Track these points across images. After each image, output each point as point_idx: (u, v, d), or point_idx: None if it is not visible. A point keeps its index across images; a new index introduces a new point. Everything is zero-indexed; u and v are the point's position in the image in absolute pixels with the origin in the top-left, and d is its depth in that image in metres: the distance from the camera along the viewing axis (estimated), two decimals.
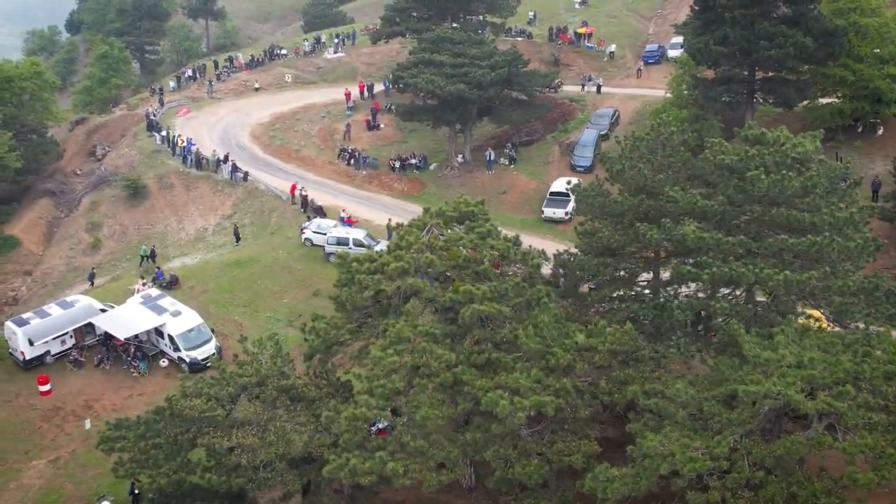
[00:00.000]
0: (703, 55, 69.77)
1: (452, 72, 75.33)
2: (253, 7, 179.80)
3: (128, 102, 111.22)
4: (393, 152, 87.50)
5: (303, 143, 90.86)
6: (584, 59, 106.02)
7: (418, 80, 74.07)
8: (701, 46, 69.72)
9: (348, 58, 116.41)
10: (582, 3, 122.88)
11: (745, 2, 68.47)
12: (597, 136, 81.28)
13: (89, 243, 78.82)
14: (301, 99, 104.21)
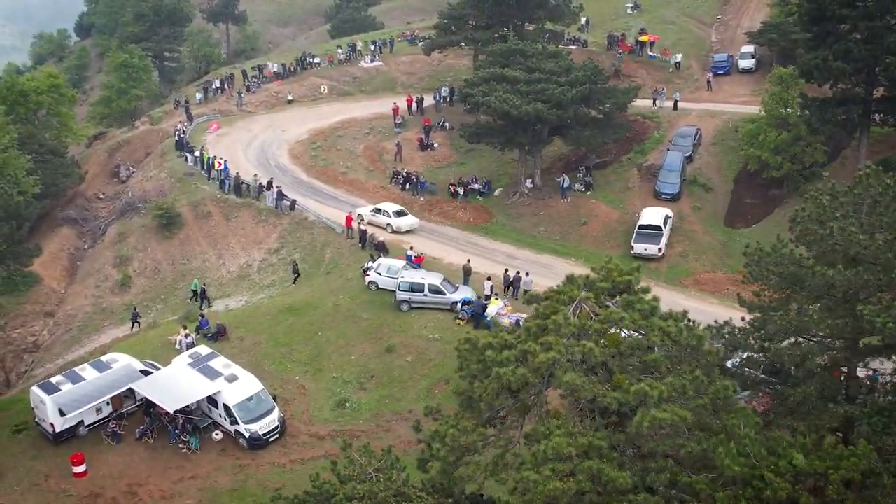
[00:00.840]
0: (821, 72, 61.11)
1: (528, 89, 66.86)
2: (272, 10, 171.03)
3: (150, 115, 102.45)
4: (451, 175, 78.96)
5: (349, 165, 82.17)
6: (647, 70, 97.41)
7: (491, 98, 65.47)
8: (818, 62, 61.06)
9: (386, 67, 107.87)
10: (634, 7, 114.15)
11: (870, 13, 59.68)
12: (682, 160, 72.72)
13: (117, 280, 70.11)
14: (339, 113, 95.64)
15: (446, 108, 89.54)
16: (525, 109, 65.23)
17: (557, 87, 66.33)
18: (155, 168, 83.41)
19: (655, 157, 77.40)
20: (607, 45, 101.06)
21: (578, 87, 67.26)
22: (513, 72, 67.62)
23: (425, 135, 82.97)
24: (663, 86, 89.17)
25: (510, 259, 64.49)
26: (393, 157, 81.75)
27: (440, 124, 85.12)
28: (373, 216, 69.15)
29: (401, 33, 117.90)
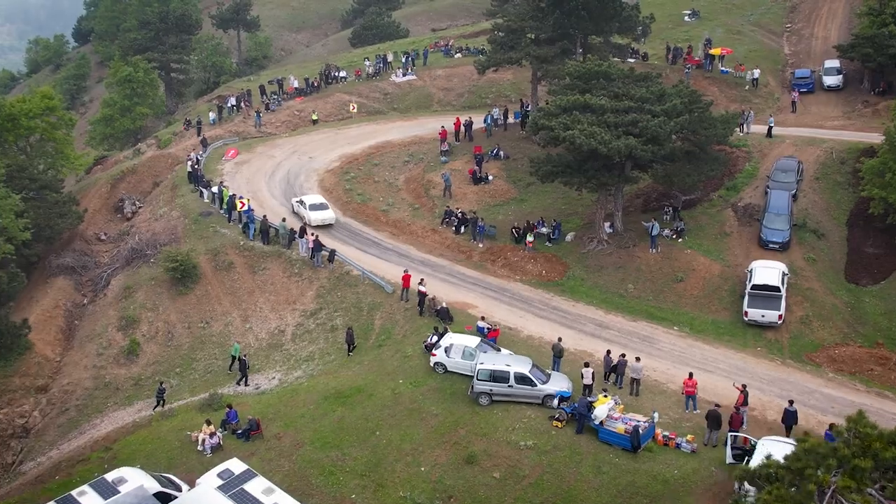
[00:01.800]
0: None
1: (616, 120, 55.30)
2: (285, 15, 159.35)
3: (158, 137, 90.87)
4: (511, 214, 67.65)
5: (390, 201, 70.72)
6: (719, 88, 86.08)
7: (574, 133, 53.81)
8: None
9: (420, 81, 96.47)
10: (692, 15, 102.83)
11: None
12: (790, 201, 61.28)
13: (123, 348, 58.58)
14: (372, 135, 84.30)
15: (499, 133, 77.81)
16: (616, 146, 53.87)
17: (652, 119, 54.73)
18: (165, 204, 71.78)
19: (751, 194, 66.09)
20: (671, 58, 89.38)
21: (676, 117, 55.59)
22: (597, 99, 56.01)
23: (477, 166, 71.36)
24: (749, 107, 77.34)
25: (601, 328, 53.12)
26: (441, 191, 70.12)
27: (493, 153, 73.61)
28: (297, 207, 68.53)
29: (433, 43, 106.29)
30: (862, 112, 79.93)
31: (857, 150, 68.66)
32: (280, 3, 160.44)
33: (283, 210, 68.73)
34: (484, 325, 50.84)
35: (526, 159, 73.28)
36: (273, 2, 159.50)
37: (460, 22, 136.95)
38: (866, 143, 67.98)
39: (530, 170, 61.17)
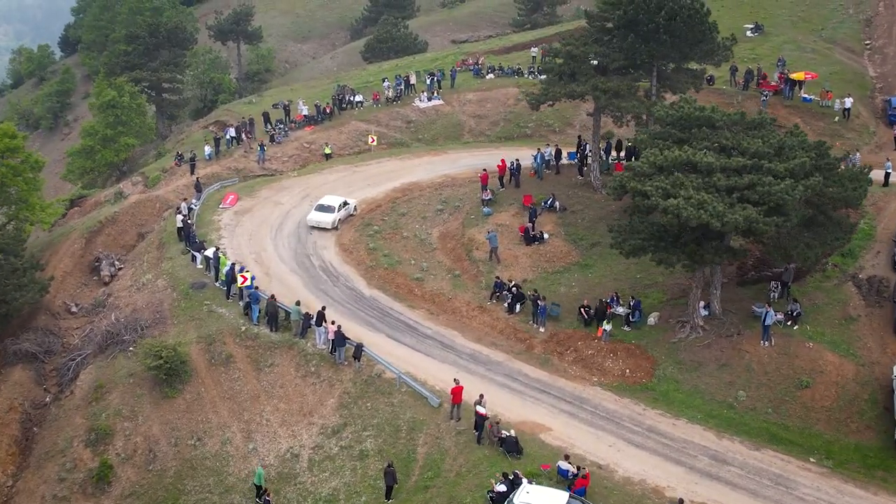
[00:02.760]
0: None
1: (728, 183, 42.31)
2: (288, 23, 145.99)
3: (145, 174, 77.82)
4: (575, 284, 54.91)
5: (425, 266, 57.83)
6: (802, 119, 72.96)
7: (679, 202, 40.68)
8: None
9: (448, 107, 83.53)
10: (755, 29, 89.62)
11: None
12: None
13: (92, 471, 45.67)
14: (395, 174, 71.68)
15: (551, 178, 64.82)
16: (732, 220, 40.99)
17: (776, 182, 41.67)
18: (150, 268, 58.78)
19: (873, 262, 53.46)
20: (741, 83, 76.18)
21: (804, 178, 42.57)
22: (704, 155, 42.89)
23: (530, 221, 58.27)
24: (852, 147, 64.28)
25: (717, 464, 40.40)
26: (487, 254, 57.02)
27: (547, 203, 60.50)
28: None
29: (460, 61, 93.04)
30: None
31: None
32: (283, 10, 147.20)
33: (294, 281, 55.78)
34: (568, 469, 37.73)
35: (587, 212, 60.68)
36: (276, 9, 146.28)
37: (483, 33, 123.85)
38: None
39: (611, 242, 48.10)
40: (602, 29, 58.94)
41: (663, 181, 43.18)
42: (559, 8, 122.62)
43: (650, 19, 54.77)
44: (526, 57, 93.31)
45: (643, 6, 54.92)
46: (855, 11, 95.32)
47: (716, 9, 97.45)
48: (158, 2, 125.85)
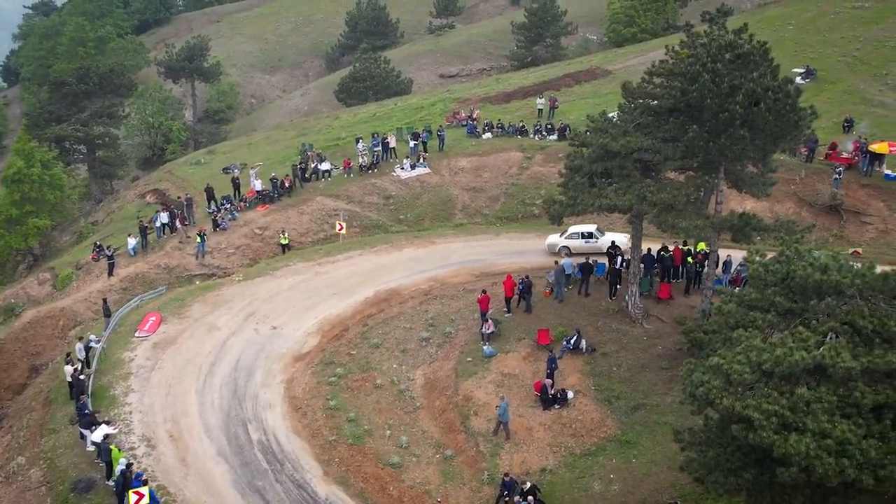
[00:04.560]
0: None
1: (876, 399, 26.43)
2: (256, 51, 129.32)
3: (54, 270, 61.31)
4: (614, 475, 38.72)
5: (404, 441, 42.04)
6: (887, 204, 56.90)
7: (807, 445, 24.54)
8: None
9: (436, 176, 67.80)
10: (806, 75, 73.23)
11: None
12: None
13: None
14: (369, 276, 56.55)
15: (573, 298, 48.58)
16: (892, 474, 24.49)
17: None
18: (26, 444, 42.43)
19: None
20: (806, 152, 60.28)
21: None
22: (838, 354, 26.56)
23: (549, 373, 41.91)
24: None
25: None
26: (491, 425, 40.81)
27: (571, 342, 44.07)
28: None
29: (452, 114, 76.56)
30: None
31: None
32: (251, 34, 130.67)
33: (219, 474, 39.58)
34: None
35: (624, 355, 44.90)
36: (242, 34, 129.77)
37: (475, 66, 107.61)
38: None
39: (680, 462, 31.47)
40: (650, 110, 42.36)
41: (776, 400, 26.72)
42: (564, 39, 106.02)
43: (721, 106, 38.28)
44: (530, 108, 76.95)
45: (711, 87, 38.46)
46: None
47: None
48: (104, 31, 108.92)
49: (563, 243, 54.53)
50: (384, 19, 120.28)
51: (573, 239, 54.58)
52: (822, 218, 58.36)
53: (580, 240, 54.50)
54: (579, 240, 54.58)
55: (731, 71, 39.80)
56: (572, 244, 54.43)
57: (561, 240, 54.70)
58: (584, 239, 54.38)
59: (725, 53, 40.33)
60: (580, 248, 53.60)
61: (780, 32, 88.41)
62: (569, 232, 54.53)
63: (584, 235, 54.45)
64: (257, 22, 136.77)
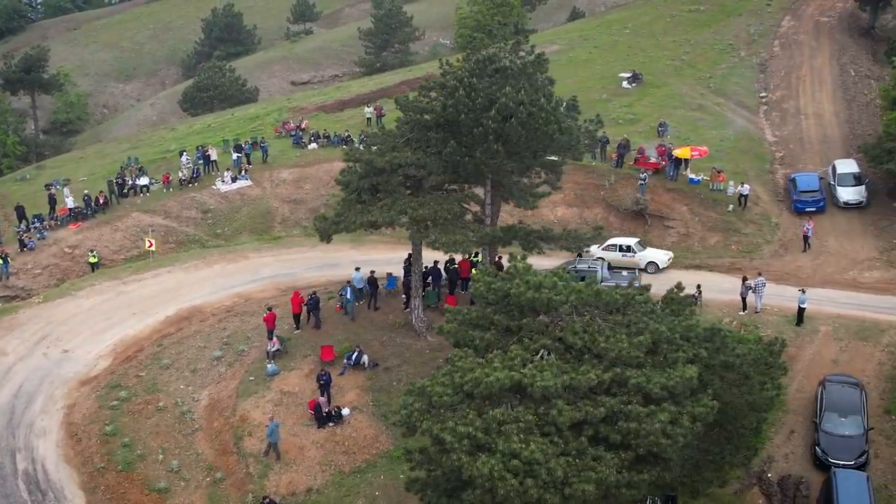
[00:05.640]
0: None
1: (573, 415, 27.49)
2: (111, 58, 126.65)
3: None
4: (379, 494, 38.39)
5: (175, 465, 41.69)
6: (689, 208, 58.62)
7: (492, 465, 25.32)
8: None
9: (257, 188, 67.18)
10: (632, 80, 74.33)
11: None
12: (868, 486, 33.98)
13: None
14: (174, 293, 55.75)
15: (365, 314, 48.47)
16: (578, 492, 25.17)
17: (650, 414, 26.38)
18: None
19: (788, 452, 38.69)
20: (616, 157, 61.10)
21: (696, 404, 27.27)
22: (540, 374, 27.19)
23: (324, 391, 41.88)
24: (759, 272, 49.23)
25: None
26: (265, 449, 40.40)
27: (352, 358, 43.93)
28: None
29: (281, 123, 75.85)
30: None
31: None
32: (106, 42, 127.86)
33: None
34: None
35: (405, 369, 45.22)
36: (98, 42, 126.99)
37: (327, 72, 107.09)
38: None
39: (405, 482, 31.50)
40: (417, 125, 42.37)
41: (471, 422, 26.87)
42: (413, 45, 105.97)
43: (476, 120, 38.41)
44: (362, 116, 76.68)
45: (466, 101, 38.57)
46: (747, 53, 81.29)
47: (587, 51, 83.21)
48: None
49: (598, 254, 52.27)
50: (238, 26, 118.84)
51: (611, 251, 52.41)
52: (629, 223, 59.26)
53: (617, 252, 52.39)
54: (616, 252, 52.41)
55: (490, 85, 39.90)
56: (609, 256, 51.98)
57: (597, 251, 52.48)
58: (623, 252, 52.28)
59: (487, 67, 40.41)
60: (617, 262, 51.55)
61: (616, 36, 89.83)
62: (607, 244, 52.73)
63: (623, 248, 52.43)
64: (114, 29, 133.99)
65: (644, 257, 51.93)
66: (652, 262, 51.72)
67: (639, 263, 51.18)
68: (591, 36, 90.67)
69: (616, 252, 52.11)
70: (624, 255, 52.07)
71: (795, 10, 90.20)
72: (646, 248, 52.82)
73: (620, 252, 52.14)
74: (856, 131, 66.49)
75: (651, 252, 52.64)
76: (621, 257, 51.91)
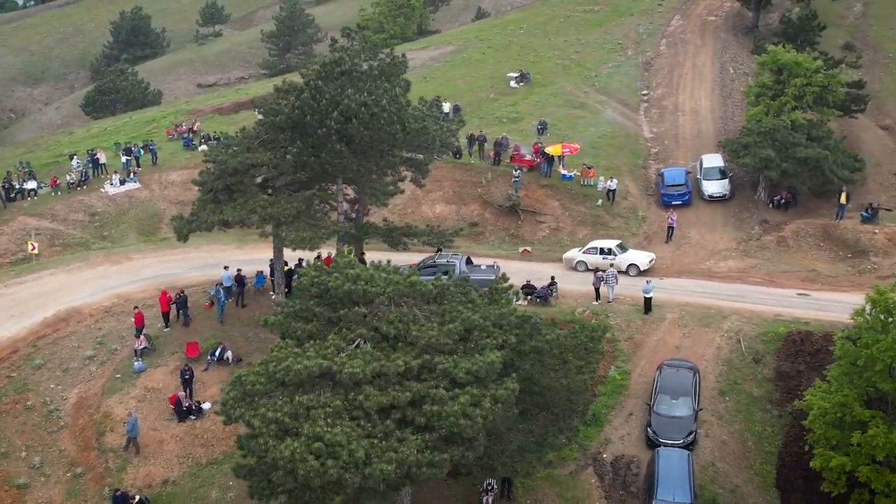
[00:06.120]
0: None
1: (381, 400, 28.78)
2: (19, 63, 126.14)
3: None
4: (234, 488, 39.93)
5: (37, 462, 43.14)
6: (560, 202, 60.69)
7: (295, 450, 26.37)
8: None
9: (146, 191, 67.94)
10: (520, 79, 76.24)
11: None
12: (689, 462, 36.17)
13: None
14: (55, 295, 56.36)
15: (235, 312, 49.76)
16: (377, 472, 27.06)
17: (454, 397, 28.08)
18: None
19: (624, 433, 40.86)
20: (493, 155, 62.85)
21: (499, 387, 29.01)
22: (347, 361, 28.63)
23: (186, 385, 43.12)
24: (611, 264, 51.38)
25: None
26: (125, 444, 41.58)
27: (216, 354, 45.18)
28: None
29: (174, 126, 76.64)
30: (762, 241, 55.37)
31: (779, 335, 43.96)
32: (15, 47, 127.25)
33: None
34: None
35: None
36: (6, 46, 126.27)
37: (233, 74, 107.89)
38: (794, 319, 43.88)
39: (234, 468, 32.84)
40: (274, 125, 43.77)
41: (280, 408, 28.36)
42: (317, 46, 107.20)
43: (320, 122, 39.90)
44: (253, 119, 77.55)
45: (311, 103, 40.03)
46: (634, 52, 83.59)
47: (480, 52, 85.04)
48: None
49: (580, 258, 52.62)
50: (145, 29, 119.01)
51: (591, 254, 52.49)
52: (503, 219, 61.08)
53: (598, 255, 52.27)
54: (597, 255, 52.35)
55: (336, 88, 41.37)
56: (590, 259, 52.32)
57: (579, 254, 52.86)
58: (604, 255, 51.99)
59: (333, 70, 41.87)
60: (598, 264, 51.47)
61: (510, 37, 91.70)
62: (588, 246, 53.13)
63: (604, 251, 52.22)
64: (24, 32, 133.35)
65: (625, 259, 51.51)
66: (633, 265, 51.40)
67: (620, 266, 50.83)
68: (487, 37, 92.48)
69: (597, 255, 52.03)
70: (605, 257, 51.68)
71: (685, 9, 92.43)
72: (627, 251, 52.46)
73: (601, 255, 51.93)
74: (728, 127, 68.85)
75: (632, 254, 52.24)
76: (602, 260, 51.64)
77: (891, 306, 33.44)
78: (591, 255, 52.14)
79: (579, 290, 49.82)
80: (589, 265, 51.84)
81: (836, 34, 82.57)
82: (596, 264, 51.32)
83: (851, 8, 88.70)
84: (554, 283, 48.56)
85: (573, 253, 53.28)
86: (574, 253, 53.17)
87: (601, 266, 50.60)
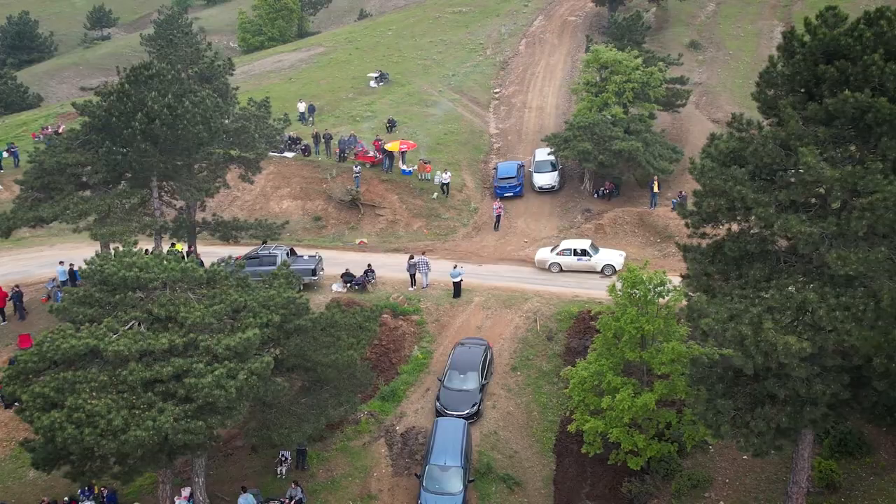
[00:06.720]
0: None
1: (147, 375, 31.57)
2: None
3: None
4: None
5: None
6: (399, 196, 63.94)
7: (56, 419, 29.32)
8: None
9: (6, 192, 69.81)
10: (380, 79, 79.55)
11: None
12: (463, 432, 39.72)
13: None
14: None
15: None
16: (134, 439, 29.95)
17: (207, 371, 31.04)
18: None
19: (417, 407, 44.24)
20: (339, 152, 66.02)
21: (253, 363, 32.07)
22: (113, 340, 31.47)
23: None
24: (424, 248, 54.96)
25: None
26: None
27: None
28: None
29: (42, 129, 78.57)
30: (583, 228, 59.23)
31: (571, 314, 47.77)
32: None
33: None
34: None
35: None
36: None
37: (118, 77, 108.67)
38: (589, 299, 47.72)
39: None
40: (91, 126, 46.48)
41: (47, 384, 31.25)
42: None
43: (126, 123, 42.74)
44: None
45: (117, 105, 42.85)
46: (493, 52, 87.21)
47: (347, 53, 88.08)
48: None
49: (553, 259, 52.09)
50: (29, 33, 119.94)
51: (565, 255, 51.89)
52: (345, 212, 64.17)
53: (572, 256, 51.74)
54: (571, 256, 51.81)
55: (142, 91, 44.17)
56: (563, 261, 51.87)
57: (552, 256, 52.27)
58: (577, 256, 51.48)
59: (142, 74, 44.67)
60: (572, 266, 51.57)
61: (378, 38, 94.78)
62: (561, 247, 52.46)
63: (577, 252, 51.60)
64: None
65: (600, 260, 51.18)
66: (609, 265, 50.89)
67: (595, 267, 51.12)
68: (357, 38, 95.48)
69: (570, 256, 51.65)
70: (579, 258, 51.41)
71: (549, 10, 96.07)
72: (599, 251, 51.99)
73: (575, 256, 51.53)
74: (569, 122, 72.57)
75: (605, 254, 51.83)
76: (577, 261, 51.45)
77: (636, 281, 37.14)
78: (565, 257, 51.67)
79: (397, 278, 53.02)
80: (563, 266, 51.77)
81: (685, 32, 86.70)
82: (570, 265, 51.55)
83: (704, 7, 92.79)
84: (371, 270, 51.74)
85: (545, 254, 52.57)
86: (546, 254, 52.51)
87: (575, 267, 51.21)
